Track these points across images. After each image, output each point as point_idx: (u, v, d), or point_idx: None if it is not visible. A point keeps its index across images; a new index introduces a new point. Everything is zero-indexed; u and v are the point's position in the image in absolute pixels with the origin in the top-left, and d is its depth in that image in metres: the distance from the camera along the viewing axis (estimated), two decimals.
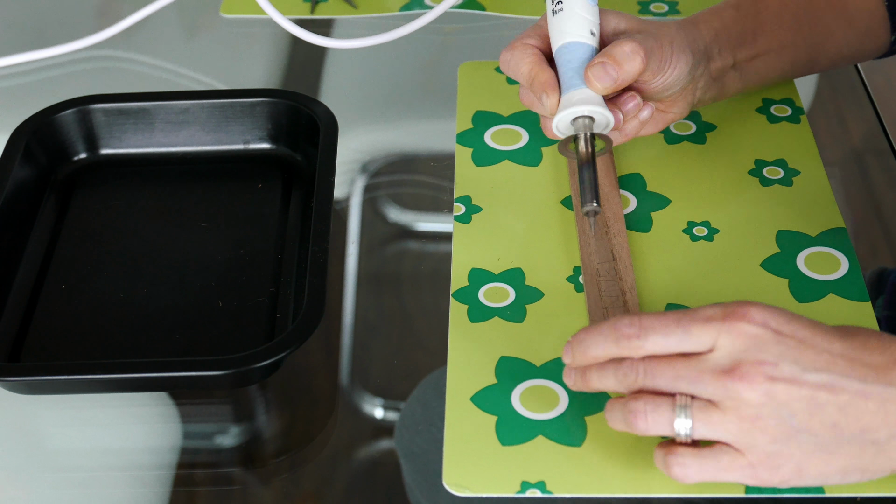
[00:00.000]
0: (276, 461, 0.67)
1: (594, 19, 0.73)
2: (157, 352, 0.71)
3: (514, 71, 0.74)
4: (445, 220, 0.79)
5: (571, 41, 0.73)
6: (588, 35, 0.73)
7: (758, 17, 0.78)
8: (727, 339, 0.59)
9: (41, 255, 0.77)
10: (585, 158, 0.71)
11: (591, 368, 0.62)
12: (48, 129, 0.83)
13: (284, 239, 0.77)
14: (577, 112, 0.71)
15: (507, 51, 0.75)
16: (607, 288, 0.71)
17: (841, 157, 0.84)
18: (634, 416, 0.60)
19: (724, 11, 0.78)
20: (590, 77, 0.71)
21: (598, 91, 0.71)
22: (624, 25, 0.75)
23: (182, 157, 0.84)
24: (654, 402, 0.59)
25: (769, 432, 0.58)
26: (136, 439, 0.69)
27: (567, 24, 0.73)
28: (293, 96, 0.83)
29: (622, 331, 0.60)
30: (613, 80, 0.71)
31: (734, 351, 0.58)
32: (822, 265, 0.73)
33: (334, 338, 0.74)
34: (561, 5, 0.73)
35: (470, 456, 0.64)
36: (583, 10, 0.73)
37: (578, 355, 0.62)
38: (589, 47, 0.73)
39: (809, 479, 0.59)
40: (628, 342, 0.60)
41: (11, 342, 0.71)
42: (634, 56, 0.71)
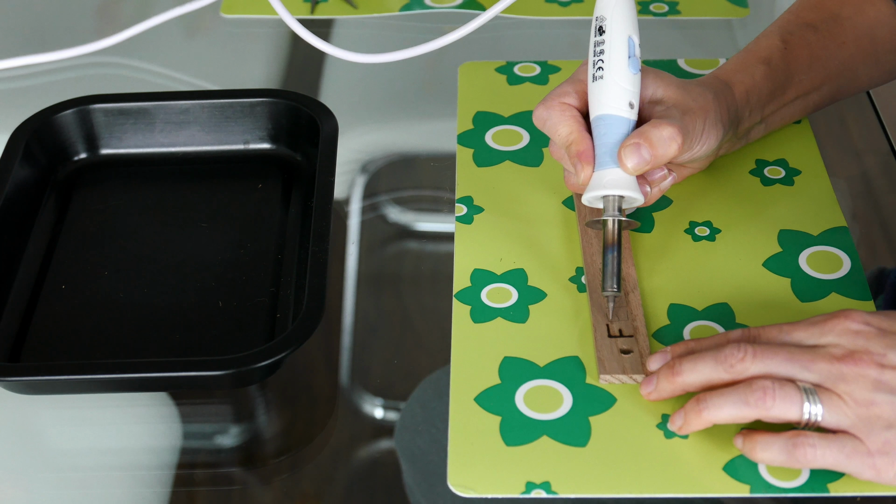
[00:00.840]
0: (276, 461, 0.67)
1: (634, 90, 0.70)
2: (157, 352, 0.71)
3: (549, 130, 0.72)
4: (445, 220, 0.79)
5: (609, 114, 0.70)
6: (626, 108, 0.70)
7: (788, 69, 0.76)
8: (833, 336, 0.62)
9: (41, 256, 0.77)
10: (612, 241, 0.69)
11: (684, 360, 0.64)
12: (48, 129, 0.82)
13: (284, 239, 0.77)
14: (609, 192, 0.69)
15: (544, 108, 0.72)
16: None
17: (841, 157, 0.84)
18: (763, 392, 0.60)
19: (755, 69, 0.75)
20: (621, 157, 0.69)
21: (628, 172, 0.69)
22: (661, 93, 0.72)
23: (182, 158, 0.84)
24: (780, 382, 0.61)
25: (884, 417, 0.60)
26: (136, 439, 0.69)
27: (605, 95, 0.70)
28: (293, 96, 0.83)
29: (729, 359, 0.62)
30: (646, 164, 0.68)
31: (843, 344, 0.61)
32: (824, 264, 0.73)
33: (334, 338, 0.73)
34: (602, 72, 0.70)
35: (474, 457, 0.64)
36: (623, 81, 0.70)
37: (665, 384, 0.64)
38: (626, 122, 0.70)
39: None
40: (733, 370, 0.62)
41: (11, 342, 0.71)
42: (671, 143, 0.68)
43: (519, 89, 0.88)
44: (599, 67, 0.71)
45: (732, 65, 0.76)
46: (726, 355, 0.62)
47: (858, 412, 0.60)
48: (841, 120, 0.88)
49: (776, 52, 0.76)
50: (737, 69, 0.76)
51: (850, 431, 0.60)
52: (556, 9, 0.98)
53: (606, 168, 0.70)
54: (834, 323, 0.62)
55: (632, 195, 0.70)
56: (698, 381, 0.63)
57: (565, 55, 0.92)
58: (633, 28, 0.71)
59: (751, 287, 0.72)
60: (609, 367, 0.67)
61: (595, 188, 0.70)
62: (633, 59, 0.70)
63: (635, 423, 0.65)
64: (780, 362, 0.61)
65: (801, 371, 0.61)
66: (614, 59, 0.70)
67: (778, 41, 0.77)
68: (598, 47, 0.71)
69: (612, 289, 0.69)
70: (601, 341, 0.68)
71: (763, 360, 0.62)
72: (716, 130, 0.72)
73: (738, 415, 0.61)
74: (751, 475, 0.63)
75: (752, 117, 0.76)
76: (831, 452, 0.60)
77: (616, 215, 0.69)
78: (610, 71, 0.70)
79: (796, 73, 0.77)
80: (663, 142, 0.68)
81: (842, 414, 0.60)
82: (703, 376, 0.63)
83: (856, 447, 0.60)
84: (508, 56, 0.91)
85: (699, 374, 0.63)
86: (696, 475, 0.63)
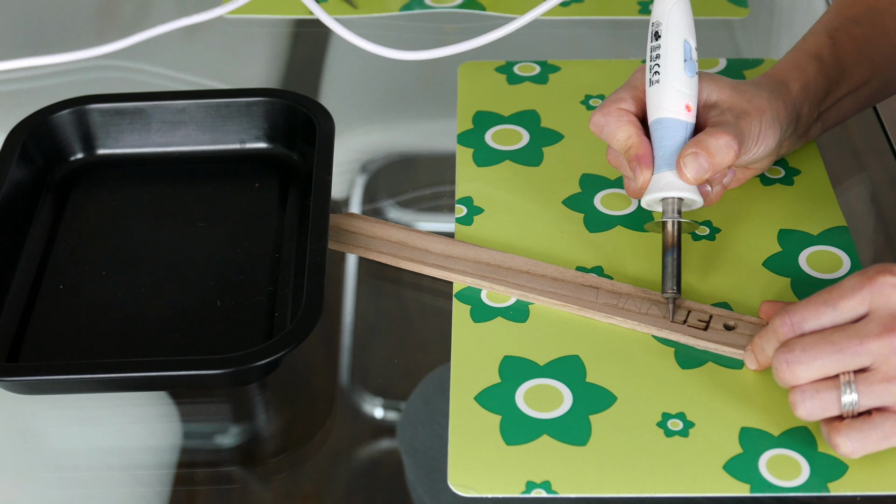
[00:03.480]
0: (275, 460, 0.67)
1: (691, 93, 0.71)
2: (156, 351, 0.70)
3: (607, 136, 0.72)
4: (446, 219, 0.79)
5: (666, 117, 0.71)
6: (683, 111, 0.71)
7: (839, 64, 0.76)
8: (879, 298, 0.61)
9: (38, 256, 0.77)
10: (671, 243, 0.70)
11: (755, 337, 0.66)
12: (44, 130, 0.82)
13: (282, 238, 0.77)
14: (668, 195, 0.70)
15: (602, 115, 0.72)
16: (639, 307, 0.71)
17: (841, 157, 0.84)
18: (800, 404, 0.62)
19: (808, 66, 0.75)
20: (681, 167, 0.69)
21: (688, 181, 0.70)
22: (716, 97, 0.72)
23: (178, 157, 0.84)
24: (813, 388, 0.61)
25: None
26: (135, 439, 0.69)
27: (663, 99, 0.71)
28: (289, 95, 0.83)
29: (779, 332, 0.63)
30: (705, 172, 0.69)
31: (891, 306, 0.61)
32: (824, 264, 0.73)
33: (334, 337, 0.73)
34: (658, 77, 0.71)
35: (475, 456, 0.64)
36: (680, 84, 0.71)
37: (752, 363, 0.67)
38: (684, 125, 0.71)
39: None
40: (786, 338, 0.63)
41: (10, 342, 0.71)
42: (729, 150, 0.69)
43: (519, 89, 0.88)
44: (656, 72, 0.71)
45: (784, 64, 0.76)
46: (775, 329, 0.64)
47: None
48: None
49: (825, 48, 0.76)
50: (790, 67, 0.76)
51: (892, 408, 0.61)
52: (556, 9, 0.98)
53: (665, 171, 0.70)
54: (877, 283, 0.61)
55: (691, 197, 0.70)
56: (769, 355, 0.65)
57: (565, 55, 0.92)
58: (689, 32, 0.72)
59: (751, 286, 0.72)
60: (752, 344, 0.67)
61: (654, 191, 0.70)
62: (689, 62, 0.71)
63: (636, 422, 0.65)
64: (828, 359, 0.61)
65: (851, 360, 0.61)
66: (671, 62, 0.71)
67: (825, 38, 0.77)
68: (654, 52, 0.72)
69: (671, 290, 0.69)
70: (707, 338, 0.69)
71: (811, 362, 0.61)
72: (773, 130, 0.72)
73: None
74: (751, 474, 0.62)
75: (810, 114, 0.76)
76: (869, 439, 0.61)
77: (675, 217, 0.70)
78: (666, 75, 0.71)
79: (847, 68, 0.77)
80: (720, 150, 0.69)
81: (886, 393, 0.60)
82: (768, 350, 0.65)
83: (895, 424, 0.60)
84: (508, 56, 0.91)
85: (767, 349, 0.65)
86: (697, 474, 0.63)
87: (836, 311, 0.62)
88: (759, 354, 0.66)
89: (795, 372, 0.62)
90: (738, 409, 0.66)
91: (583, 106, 0.86)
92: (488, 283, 0.72)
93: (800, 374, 0.62)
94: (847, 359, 0.61)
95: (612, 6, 0.98)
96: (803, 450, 0.63)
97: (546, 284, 0.72)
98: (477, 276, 0.73)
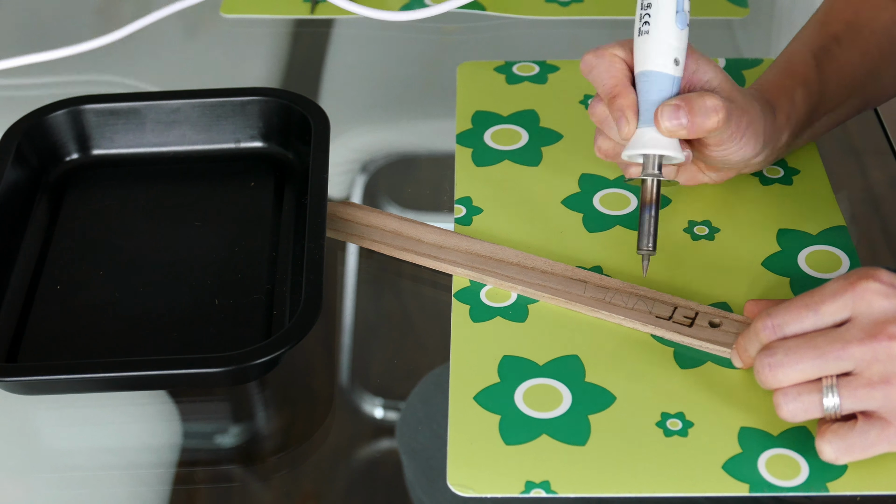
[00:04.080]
0: (274, 459, 0.67)
1: (680, 46, 0.69)
2: (155, 351, 0.71)
3: (595, 79, 0.70)
4: (445, 219, 0.79)
5: (653, 70, 0.68)
6: (671, 65, 0.68)
7: (821, 90, 0.76)
8: (862, 303, 0.61)
9: (35, 256, 0.77)
10: (650, 200, 0.69)
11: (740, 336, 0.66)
12: (39, 130, 0.82)
13: (279, 237, 0.77)
14: (650, 151, 0.68)
15: (595, 56, 0.70)
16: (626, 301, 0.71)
17: (841, 157, 0.84)
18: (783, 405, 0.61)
19: (795, 93, 0.74)
20: (658, 116, 0.68)
21: (662, 133, 0.68)
22: (716, 83, 0.70)
23: (173, 157, 0.84)
24: (795, 390, 0.61)
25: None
26: (134, 438, 0.69)
27: (652, 50, 0.68)
28: (284, 94, 0.83)
29: (760, 335, 0.63)
30: (681, 127, 0.67)
31: (873, 312, 0.60)
32: (824, 264, 0.73)
33: (333, 336, 0.73)
34: (648, 27, 0.69)
35: (474, 456, 0.64)
36: (669, 37, 0.68)
37: (738, 363, 0.67)
38: (671, 78, 0.69)
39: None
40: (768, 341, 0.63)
41: (8, 343, 0.71)
42: (713, 113, 0.67)
43: (518, 89, 0.88)
44: (646, 22, 0.69)
45: (773, 85, 0.75)
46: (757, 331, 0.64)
47: (886, 391, 0.59)
48: None
49: (811, 72, 0.75)
50: (779, 92, 0.74)
51: (877, 413, 0.60)
52: (555, 9, 0.98)
53: (649, 126, 0.69)
54: (862, 290, 0.61)
55: (672, 154, 0.69)
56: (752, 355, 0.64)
57: (565, 55, 0.92)
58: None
59: (750, 286, 0.72)
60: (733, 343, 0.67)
61: (635, 146, 0.69)
62: (680, 13, 0.69)
63: (635, 422, 0.65)
64: (810, 363, 0.61)
65: (833, 364, 0.61)
66: (662, 13, 0.69)
67: (811, 59, 0.76)
68: (644, 1, 0.70)
69: (647, 247, 0.69)
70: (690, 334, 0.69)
71: (793, 365, 0.61)
72: (755, 142, 0.71)
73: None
74: (750, 474, 0.62)
75: (787, 141, 0.75)
76: (854, 447, 0.60)
77: (655, 174, 0.69)
78: (656, 26, 0.69)
79: (828, 92, 0.76)
80: (704, 110, 0.67)
81: (868, 399, 0.60)
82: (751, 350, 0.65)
83: (881, 431, 0.60)
84: (507, 56, 0.91)
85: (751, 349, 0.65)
86: (696, 474, 0.63)
87: (818, 316, 0.62)
88: (742, 354, 0.66)
89: (777, 375, 0.61)
90: (738, 408, 0.66)
91: (582, 106, 0.86)
92: (478, 274, 0.72)
93: (781, 377, 0.61)
94: (829, 363, 0.60)
95: (611, 6, 0.98)
96: (802, 449, 0.63)
97: (535, 277, 0.72)
98: (468, 266, 0.73)
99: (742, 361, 0.67)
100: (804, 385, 0.61)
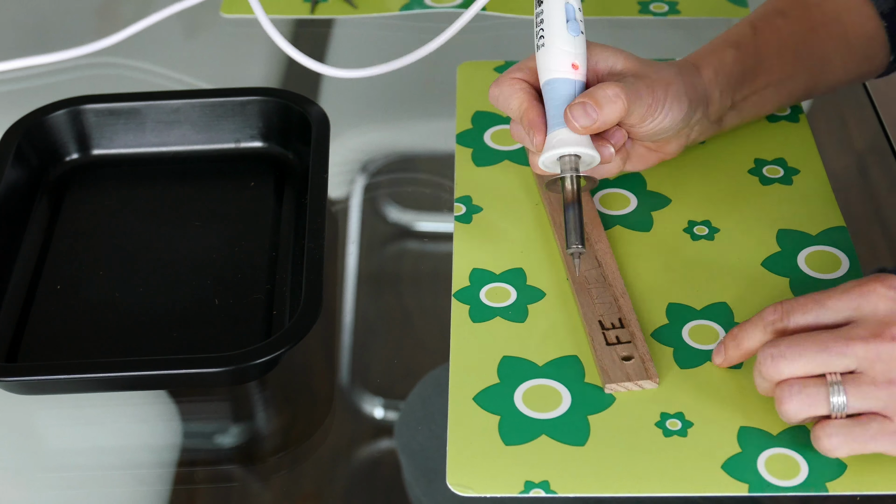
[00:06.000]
0: (274, 458, 0.67)
1: (577, 51, 0.72)
2: (155, 351, 0.71)
3: (503, 106, 0.73)
4: (445, 219, 0.79)
5: (554, 77, 0.71)
6: (569, 69, 0.71)
7: (758, 54, 0.77)
8: (868, 305, 0.61)
9: (35, 256, 0.77)
10: (571, 198, 0.70)
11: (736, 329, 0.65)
12: (39, 130, 0.82)
13: (279, 237, 0.77)
14: (563, 152, 0.70)
15: (495, 86, 0.73)
16: (599, 294, 0.71)
17: (841, 157, 0.84)
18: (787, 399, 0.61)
19: (725, 52, 0.76)
20: (569, 117, 0.70)
21: (577, 131, 0.70)
22: (620, 66, 0.73)
23: (173, 157, 0.84)
24: (800, 384, 0.61)
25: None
26: (134, 438, 0.69)
27: (550, 60, 0.71)
28: (283, 94, 0.83)
29: (767, 318, 0.64)
30: (593, 121, 0.69)
31: (878, 314, 0.61)
32: (823, 264, 0.73)
33: (333, 337, 0.73)
34: (543, 40, 0.72)
35: (473, 456, 0.64)
36: (565, 45, 0.71)
37: (732, 350, 0.66)
38: (572, 83, 0.71)
39: None
40: (773, 327, 0.63)
41: (8, 343, 0.71)
42: (616, 100, 0.70)
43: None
44: (541, 36, 0.72)
45: (701, 50, 0.77)
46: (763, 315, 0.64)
47: (891, 391, 0.60)
48: (841, 119, 0.88)
49: (746, 37, 0.77)
50: (705, 53, 0.77)
51: (880, 413, 0.60)
52: None
53: (559, 129, 0.71)
54: (869, 290, 0.61)
55: (586, 151, 0.70)
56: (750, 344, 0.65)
57: None
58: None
59: (750, 286, 0.72)
60: (613, 376, 0.67)
61: (549, 149, 0.71)
62: (572, 22, 0.72)
63: (634, 422, 0.65)
64: (812, 356, 0.61)
65: (836, 360, 0.61)
66: (553, 24, 0.72)
67: (747, 27, 0.78)
68: (538, 17, 0.73)
69: (575, 245, 0.69)
70: (600, 350, 0.68)
71: (796, 358, 0.61)
72: (679, 103, 0.73)
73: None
74: (749, 474, 0.62)
75: (722, 99, 0.76)
76: (854, 439, 0.60)
77: (572, 173, 0.70)
78: (550, 37, 0.72)
79: (766, 58, 0.77)
80: (608, 99, 0.70)
81: (872, 398, 0.60)
82: (753, 338, 0.64)
83: (882, 426, 0.60)
84: (507, 56, 0.91)
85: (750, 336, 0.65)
86: (695, 474, 0.63)
87: (823, 309, 0.62)
88: (742, 342, 0.65)
89: (779, 366, 0.61)
90: (737, 408, 0.66)
91: None
92: None
93: (783, 368, 0.61)
94: (832, 358, 0.60)
95: (611, 6, 0.98)
96: (802, 449, 0.63)
97: None
98: None
99: (726, 355, 0.66)
100: (808, 379, 0.61)
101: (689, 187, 0.79)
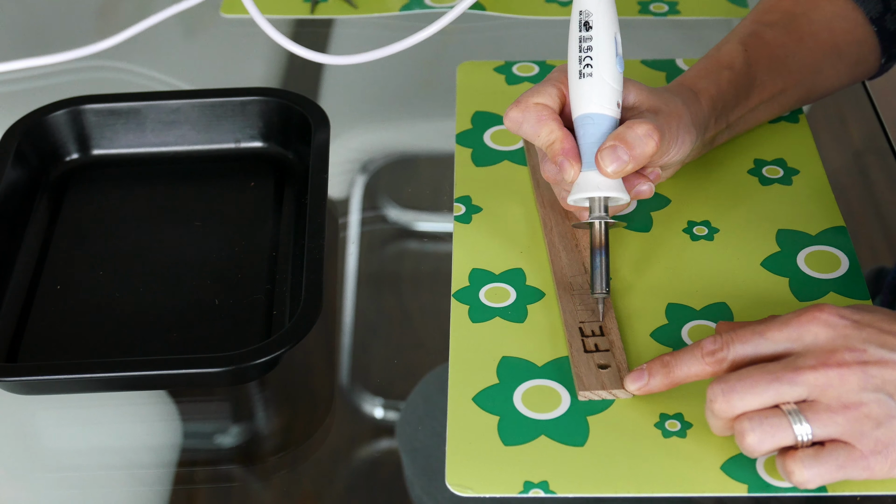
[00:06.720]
0: (274, 458, 0.67)
1: (620, 89, 0.69)
2: (155, 351, 0.71)
3: (527, 133, 0.70)
4: (445, 219, 0.79)
5: (597, 112, 0.68)
6: (614, 107, 0.69)
7: (750, 73, 0.76)
8: (809, 335, 0.61)
9: (35, 256, 0.77)
10: (598, 244, 0.68)
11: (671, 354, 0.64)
12: (39, 130, 0.83)
13: (278, 237, 0.77)
14: (596, 194, 0.68)
15: (518, 111, 0.70)
16: (582, 301, 0.71)
17: (841, 157, 0.84)
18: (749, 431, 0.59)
19: (720, 75, 0.75)
20: (600, 162, 0.67)
21: (609, 176, 0.68)
22: (633, 98, 0.71)
23: (173, 157, 0.84)
24: (759, 415, 0.60)
25: (872, 416, 0.59)
26: (134, 438, 0.69)
27: (596, 93, 0.68)
28: (283, 94, 0.83)
29: (706, 347, 0.62)
30: (625, 164, 0.67)
31: (822, 343, 0.60)
32: (823, 264, 0.73)
33: (333, 337, 0.73)
34: (590, 69, 0.68)
35: (472, 456, 0.64)
36: (612, 79, 0.68)
37: (659, 377, 0.64)
38: (613, 121, 0.69)
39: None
40: (712, 357, 0.62)
41: (8, 343, 0.71)
42: (648, 140, 0.67)
43: (517, 89, 0.88)
44: (588, 64, 0.69)
45: (696, 72, 0.76)
46: (702, 345, 0.63)
47: (848, 416, 0.59)
48: (841, 119, 0.88)
49: (738, 56, 0.76)
50: (701, 76, 0.75)
51: (841, 439, 0.59)
52: (555, 9, 0.98)
53: (591, 169, 0.69)
54: (808, 319, 0.61)
55: (617, 195, 0.69)
56: (683, 374, 0.63)
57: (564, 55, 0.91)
58: (617, 25, 0.70)
59: (749, 287, 0.72)
60: (588, 383, 0.66)
61: (580, 190, 0.69)
62: (619, 57, 0.70)
63: (633, 423, 0.65)
64: (764, 387, 0.60)
65: (788, 389, 0.60)
66: (604, 55, 0.69)
67: (738, 45, 0.77)
68: (584, 43, 0.69)
69: (601, 291, 0.68)
70: (577, 357, 0.68)
71: (747, 391, 0.60)
72: (689, 135, 0.72)
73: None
74: (748, 474, 0.62)
75: (717, 124, 0.76)
76: (825, 468, 0.59)
77: (603, 216, 0.69)
78: (599, 68, 0.69)
79: (758, 76, 0.76)
80: (640, 140, 0.67)
81: (832, 424, 0.59)
82: (688, 368, 0.63)
83: (849, 454, 0.59)
84: (507, 56, 0.91)
85: (684, 365, 0.63)
86: (694, 474, 0.63)
87: (763, 340, 0.61)
88: (673, 369, 0.63)
89: (731, 401, 0.60)
90: None
91: None
92: None
93: (736, 402, 0.60)
94: (784, 388, 0.59)
95: None
96: None
97: None
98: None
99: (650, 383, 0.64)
100: (766, 410, 0.60)
101: (689, 187, 0.79)
